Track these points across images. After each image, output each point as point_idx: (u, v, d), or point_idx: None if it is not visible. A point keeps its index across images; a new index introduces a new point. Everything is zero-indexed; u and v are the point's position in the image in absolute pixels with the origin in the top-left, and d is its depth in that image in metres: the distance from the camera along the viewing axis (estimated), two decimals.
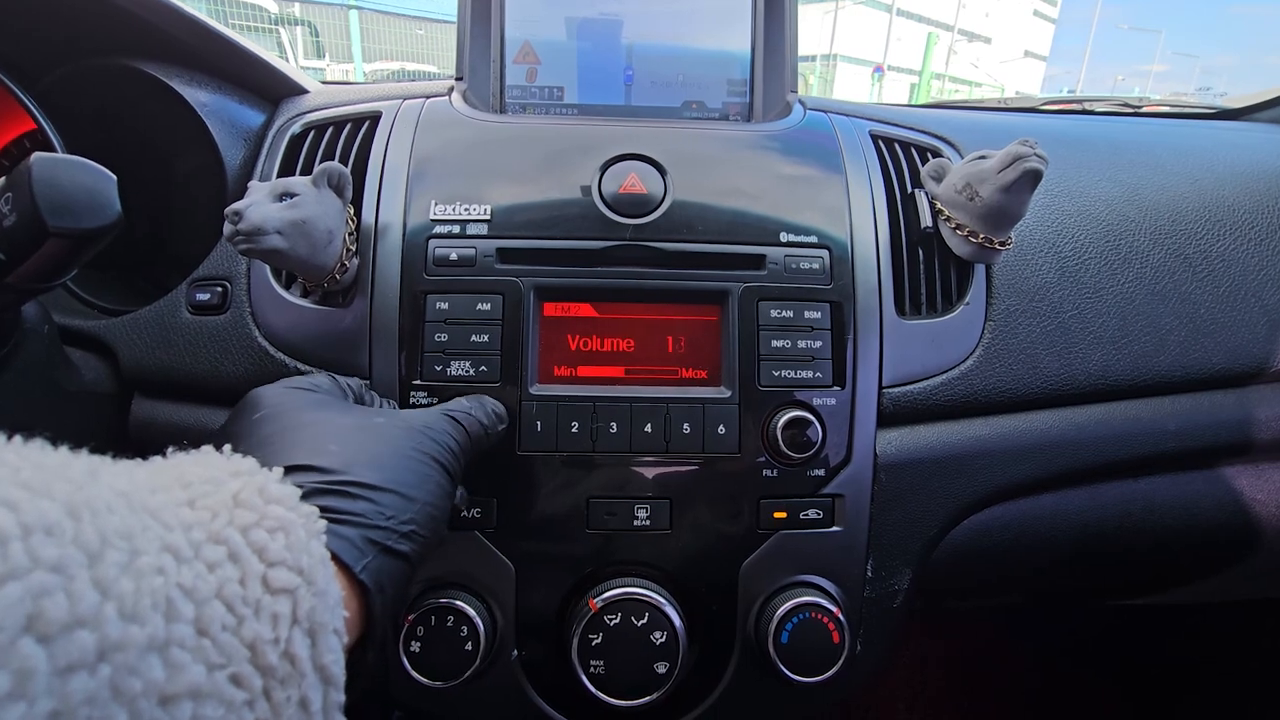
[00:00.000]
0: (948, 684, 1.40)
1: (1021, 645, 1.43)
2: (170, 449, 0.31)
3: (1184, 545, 0.65)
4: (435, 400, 0.50)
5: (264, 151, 0.59)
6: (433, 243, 0.52)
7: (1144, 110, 1.12)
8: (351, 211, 0.52)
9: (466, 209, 0.52)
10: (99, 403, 0.54)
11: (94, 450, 0.27)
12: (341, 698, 0.27)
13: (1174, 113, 1.09)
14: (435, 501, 0.36)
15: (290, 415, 0.36)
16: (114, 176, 0.35)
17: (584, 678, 0.48)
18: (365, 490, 0.32)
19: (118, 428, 0.55)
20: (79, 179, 0.33)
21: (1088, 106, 1.17)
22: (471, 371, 0.50)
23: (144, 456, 0.54)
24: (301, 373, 0.52)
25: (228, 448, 0.30)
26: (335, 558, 0.29)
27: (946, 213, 0.55)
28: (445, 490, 0.37)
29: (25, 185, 0.32)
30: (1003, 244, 0.54)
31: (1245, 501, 0.64)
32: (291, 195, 0.47)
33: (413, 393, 0.50)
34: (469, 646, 0.48)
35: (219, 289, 0.54)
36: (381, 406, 0.45)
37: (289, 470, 0.31)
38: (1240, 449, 0.62)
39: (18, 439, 0.23)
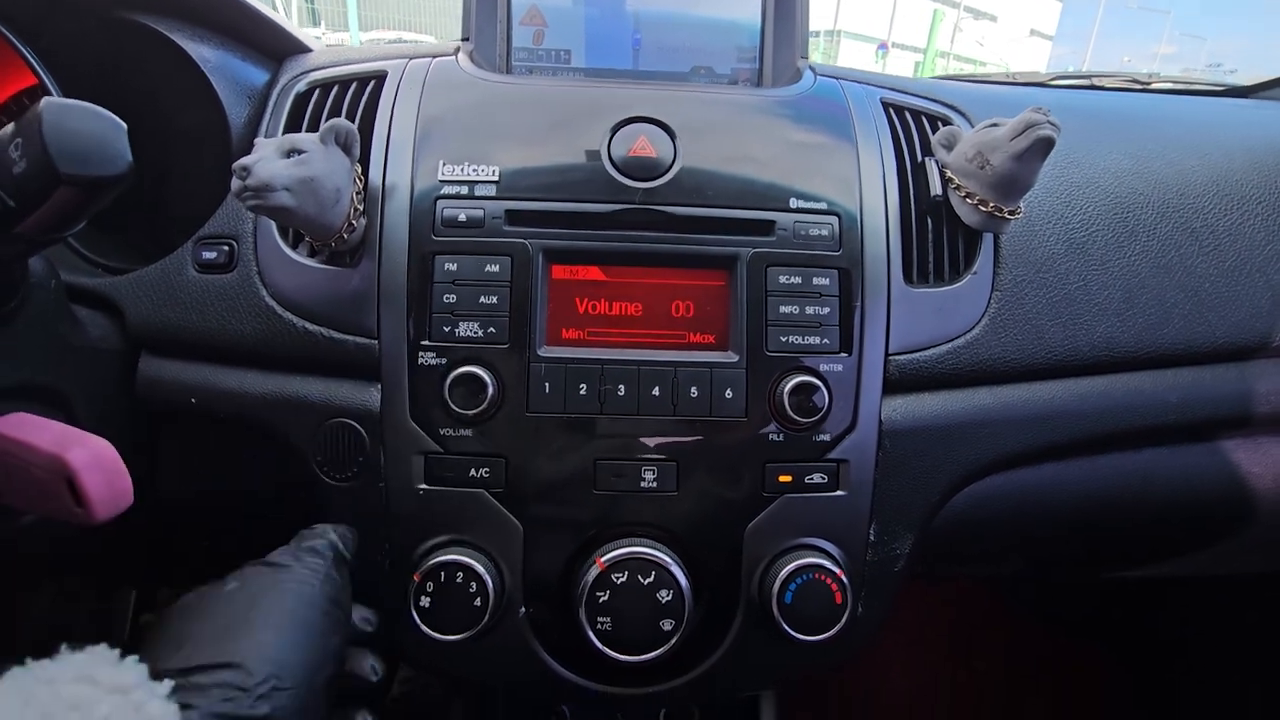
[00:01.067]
0: (942, 649, 1.43)
1: (1015, 613, 1.46)
2: (63, 646, 0.30)
3: (1181, 517, 0.66)
4: (444, 360, 0.50)
5: (269, 110, 0.59)
6: (441, 203, 0.51)
7: (1153, 86, 1.11)
8: (359, 170, 0.52)
9: (475, 170, 0.52)
10: (106, 360, 0.54)
11: (104, 410, 0.27)
12: None
13: (1183, 89, 1.08)
14: (309, 659, 0.35)
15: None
16: (124, 125, 0.35)
17: (591, 634, 0.48)
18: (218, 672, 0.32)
19: (125, 386, 0.55)
20: (90, 126, 0.33)
21: (1096, 82, 1.16)
22: (480, 333, 0.50)
23: (152, 417, 0.54)
24: (309, 332, 0.52)
25: (116, 653, 0.30)
26: None
27: (957, 181, 0.55)
28: (323, 639, 0.37)
29: (35, 131, 0.32)
30: (1012, 213, 0.54)
31: (1242, 474, 0.65)
32: (299, 152, 0.47)
33: (421, 353, 0.50)
34: (478, 602, 0.48)
35: (225, 247, 0.54)
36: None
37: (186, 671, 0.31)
38: (1240, 422, 0.63)
39: None
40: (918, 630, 1.46)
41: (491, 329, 0.50)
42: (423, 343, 0.50)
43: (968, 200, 0.54)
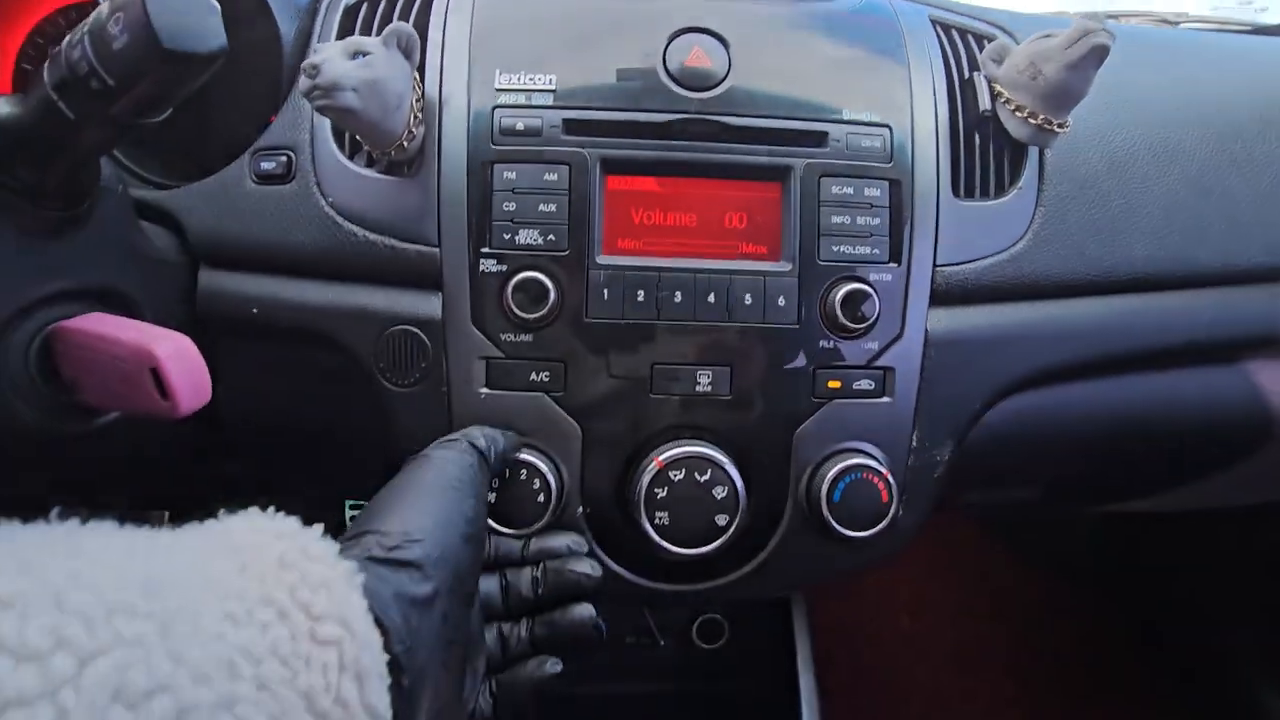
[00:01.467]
0: (947, 594, 1.48)
1: (1016, 556, 1.51)
2: (221, 511, 0.33)
3: (1203, 436, 0.69)
4: (505, 268, 0.51)
5: (318, 23, 0.58)
6: (498, 112, 0.52)
7: (1182, 25, 1.10)
8: (417, 78, 0.52)
9: (531, 79, 0.52)
10: (170, 272, 0.55)
11: (168, 320, 0.29)
12: None
13: (1213, 27, 1.07)
14: (438, 516, 0.38)
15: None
16: (218, 6, 0.35)
17: (649, 528, 0.51)
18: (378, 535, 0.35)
19: (188, 300, 0.56)
20: (188, 3, 0.34)
21: (1122, 20, 1.15)
22: (540, 240, 0.51)
23: (213, 334, 0.55)
24: (370, 242, 0.53)
25: (271, 509, 0.33)
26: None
27: (1006, 95, 0.56)
28: (451, 502, 0.40)
29: (139, 5, 0.32)
30: (1061, 126, 0.54)
31: (1265, 394, 0.67)
32: (364, 54, 0.47)
33: (482, 260, 0.51)
34: (540, 499, 0.50)
35: (284, 158, 0.54)
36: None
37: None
38: (1265, 342, 0.65)
39: (92, 523, 0.26)
40: (924, 577, 1.51)
41: (551, 236, 0.51)
42: (483, 250, 0.51)
43: (1017, 114, 0.55)
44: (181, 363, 0.44)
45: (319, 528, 0.32)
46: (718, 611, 0.78)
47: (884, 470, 0.52)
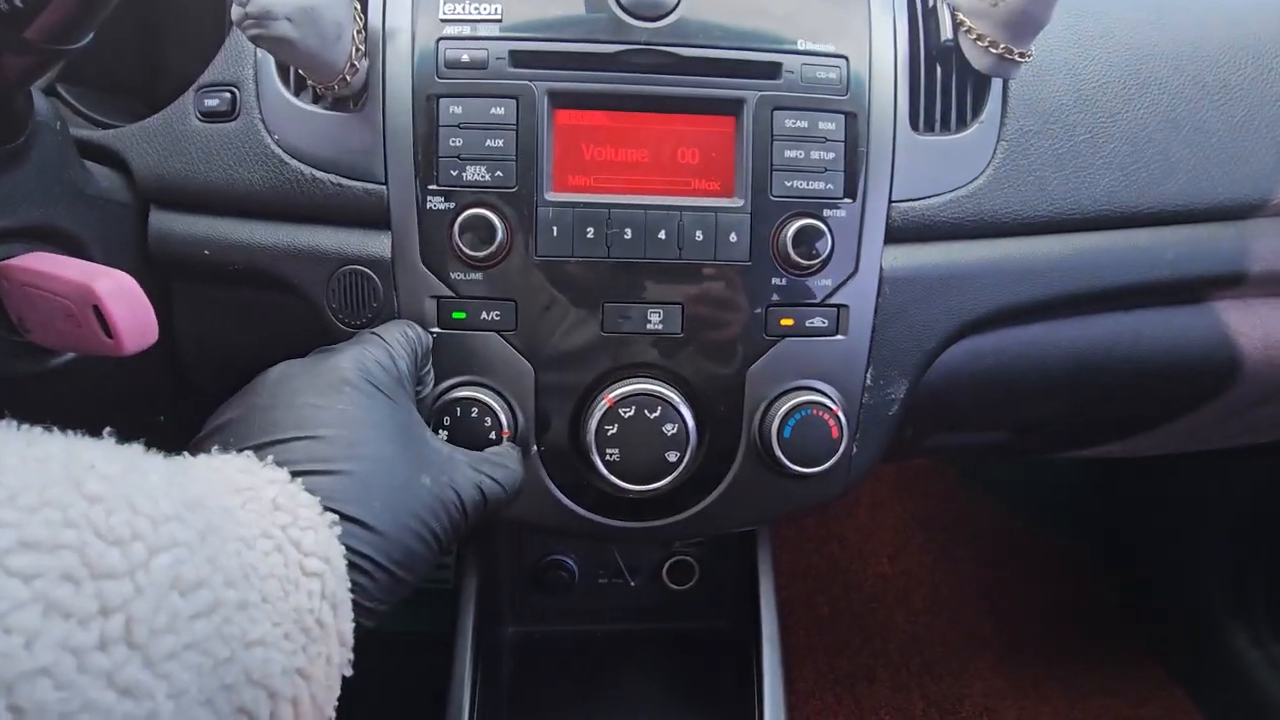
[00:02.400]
0: (927, 541, 1.51)
1: (995, 506, 1.53)
2: (214, 447, 0.37)
3: (1167, 377, 0.69)
4: (452, 205, 0.51)
5: None
6: (443, 44, 0.51)
7: None
8: (359, 8, 0.50)
9: (477, 8, 0.51)
10: (118, 213, 0.55)
11: (121, 262, 0.31)
12: (350, 657, 0.34)
13: None
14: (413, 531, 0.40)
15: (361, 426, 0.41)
16: None
17: (600, 464, 0.51)
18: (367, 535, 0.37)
19: (139, 242, 0.56)
20: None
21: None
22: (487, 176, 0.51)
23: (164, 272, 0.55)
24: (317, 180, 0.52)
25: (270, 457, 0.36)
26: None
27: (968, 24, 0.54)
28: (425, 556, 0.40)
29: None
30: (1023, 55, 0.53)
31: (1231, 334, 0.67)
32: None
33: (429, 197, 0.51)
34: (492, 436, 0.51)
35: (227, 94, 0.53)
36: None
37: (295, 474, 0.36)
38: (1233, 280, 0.64)
39: (138, 447, 0.31)
40: (905, 525, 1.53)
41: (499, 173, 0.51)
42: (430, 187, 0.51)
43: (978, 43, 0.53)
44: (123, 300, 0.44)
45: (300, 480, 0.36)
46: (688, 553, 0.79)
47: (835, 407, 0.53)
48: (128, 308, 0.44)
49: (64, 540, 0.23)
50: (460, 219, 0.50)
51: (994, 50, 0.53)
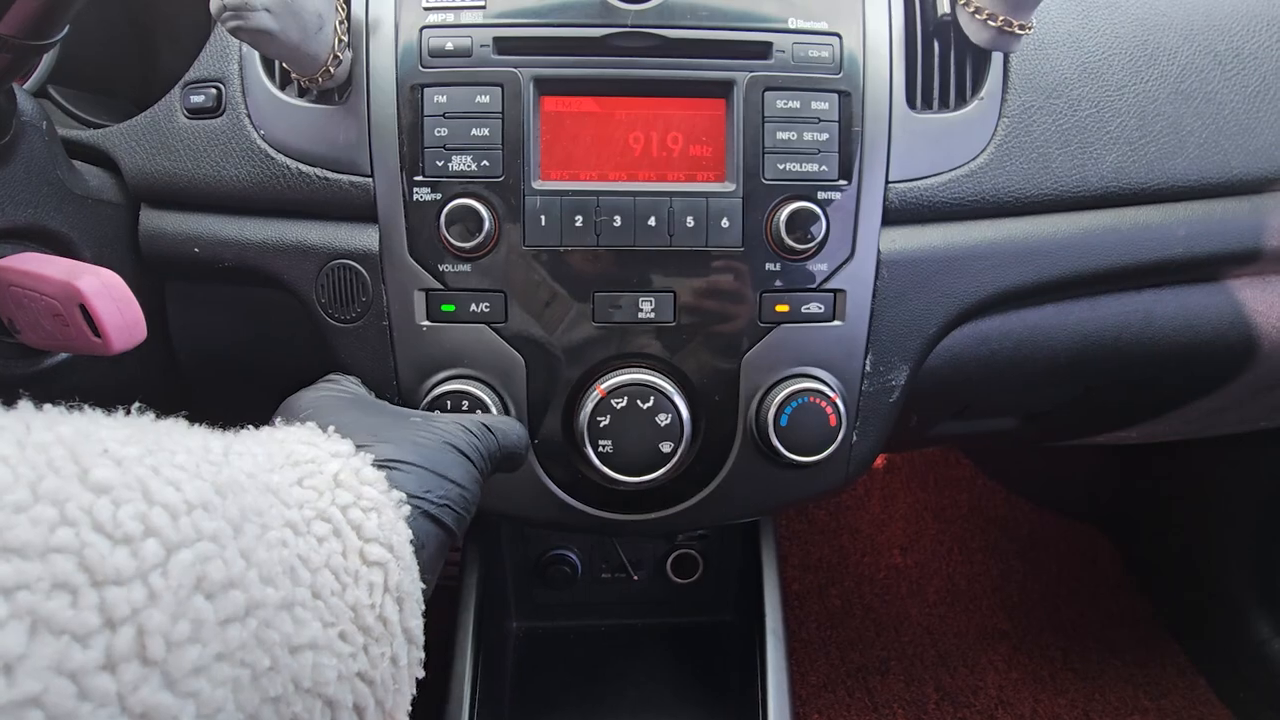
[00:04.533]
0: (940, 531, 1.49)
1: (1010, 495, 1.50)
2: (278, 420, 0.34)
3: (1180, 359, 0.67)
4: (439, 196, 0.50)
5: None
6: (426, 33, 0.50)
7: None
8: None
9: None
10: (108, 212, 0.55)
11: (112, 262, 0.28)
12: (422, 655, 0.31)
13: None
14: (465, 484, 0.38)
15: (332, 413, 0.39)
16: None
17: (593, 456, 0.51)
18: (408, 467, 0.35)
19: (130, 241, 0.56)
20: None
21: None
22: (474, 166, 0.50)
23: (157, 270, 0.55)
24: (304, 174, 0.52)
25: (331, 428, 0.34)
26: None
27: None
28: (473, 475, 0.39)
29: None
30: (1023, 28, 0.51)
31: (1247, 312, 0.65)
32: None
33: (415, 189, 0.50)
34: None
35: (213, 90, 0.53)
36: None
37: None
38: (1248, 257, 0.62)
39: (168, 421, 0.27)
40: (918, 515, 1.51)
41: (485, 162, 0.50)
42: (416, 178, 0.50)
43: (977, 16, 0.52)
44: (109, 298, 0.44)
45: (369, 455, 0.33)
46: (691, 546, 0.78)
47: (833, 395, 0.51)
48: (114, 306, 0.44)
49: (57, 542, 0.20)
50: (447, 210, 0.49)
51: (993, 23, 0.51)
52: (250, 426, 0.40)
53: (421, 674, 0.31)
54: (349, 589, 0.28)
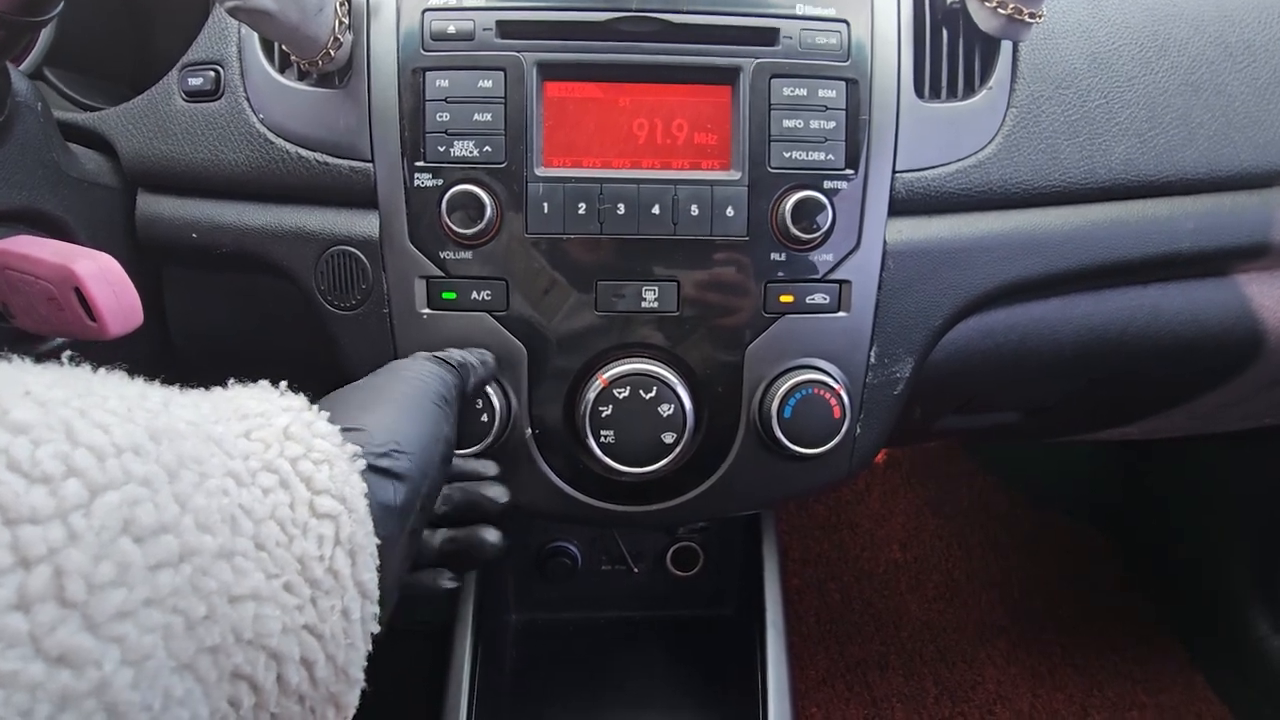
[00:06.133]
0: (940, 527, 1.48)
1: (1011, 492, 1.50)
2: (230, 380, 0.33)
3: (1185, 354, 0.66)
4: (440, 181, 0.49)
5: None
6: (428, 15, 0.49)
7: None
8: None
9: None
10: (105, 196, 0.54)
11: (109, 246, 0.27)
12: (376, 610, 0.30)
13: None
14: (433, 438, 0.38)
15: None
16: None
17: (595, 446, 0.50)
18: (373, 422, 0.35)
19: (127, 226, 0.55)
20: None
21: None
22: (475, 152, 0.49)
23: (154, 256, 0.54)
24: (303, 159, 0.51)
25: (283, 384, 0.33)
26: None
27: None
28: (443, 429, 0.39)
29: None
30: (1033, 16, 0.50)
31: (1254, 308, 0.64)
32: None
33: (416, 174, 0.49)
34: (484, 418, 0.50)
35: (211, 73, 0.52)
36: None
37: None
38: (1256, 252, 0.61)
39: (102, 371, 0.26)
40: (917, 511, 1.51)
41: (487, 148, 0.49)
42: (417, 164, 0.49)
43: (986, 4, 0.51)
44: (105, 281, 0.43)
45: (324, 412, 0.32)
46: (692, 539, 0.78)
47: (837, 386, 0.51)
48: (110, 289, 0.43)
49: None
50: (448, 196, 0.49)
51: (1003, 11, 0.50)
52: None
53: (376, 629, 0.30)
54: (296, 540, 0.27)
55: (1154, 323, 0.63)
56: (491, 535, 0.45)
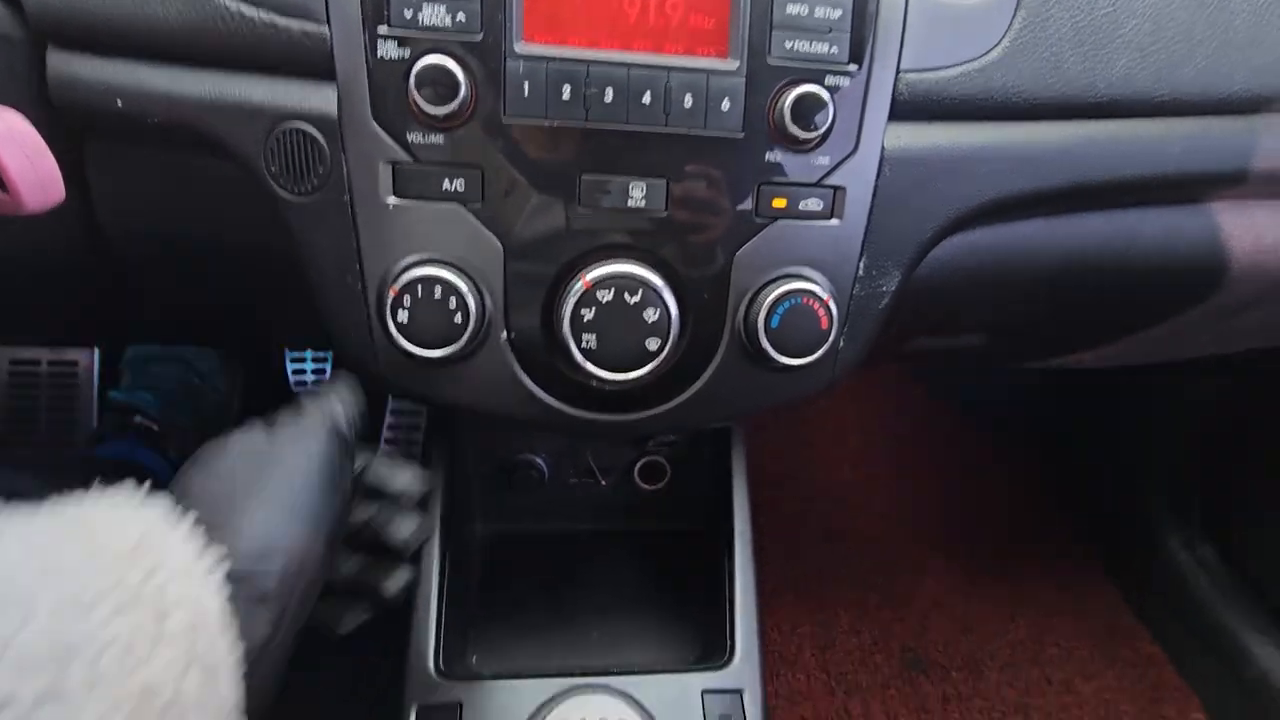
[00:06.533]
0: (889, 450, 1.54)
1: (960, 421, 1.57)
2: (95, 483, 0.30)
3: (1155, 281, 0.68)
4: (408, 52, 0.44)
5: None
6: None
7: None
8: None
9: None
10: (6, 51, 0.47)
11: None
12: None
13: None
14: (303, 530, 0.37)
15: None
16: None
17: (575, 351, 0.48)
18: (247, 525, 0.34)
19: (37, 90, 0.48)
20: None
21: None
22: (448, 21, 0.44)
23: (74, 126, 0.48)
24: (246, 17, 0.45)
25: (144, 489, 0.31)
26: None
27: None
28: (317, 511, 0.38)
29: None
30: None
31: (1223, 237, 0.65)
32: None
33: (380, 41, 0.44)
34: (458, 319, 0.47)
35: None
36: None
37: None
38: (1235, 179, 0.61)
39: None
40: (868, 435, 1.56)
41: (461, 16, 0.44)
42: (380, 30, 0.44)
43: None
44: (16, 144, 0.38)
45: (190, 515, 0.30)
46: (660, 453, 0.78)
47: (825, 297, 0.50)
48: (23, 154, 0.38)
49: None
50: (416, 69, 0.44)
51: None
52: (201, 333, 0.38)
53: None
54: (140, 669, 0.25)
55: (1131, 247, 0.64)
56: (395, 584, 0.45)
